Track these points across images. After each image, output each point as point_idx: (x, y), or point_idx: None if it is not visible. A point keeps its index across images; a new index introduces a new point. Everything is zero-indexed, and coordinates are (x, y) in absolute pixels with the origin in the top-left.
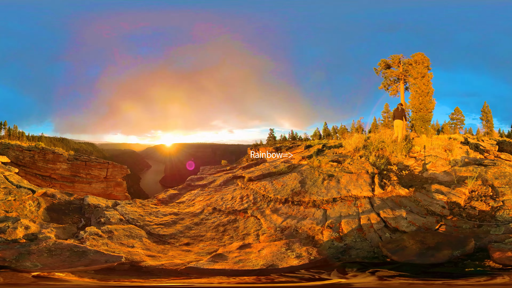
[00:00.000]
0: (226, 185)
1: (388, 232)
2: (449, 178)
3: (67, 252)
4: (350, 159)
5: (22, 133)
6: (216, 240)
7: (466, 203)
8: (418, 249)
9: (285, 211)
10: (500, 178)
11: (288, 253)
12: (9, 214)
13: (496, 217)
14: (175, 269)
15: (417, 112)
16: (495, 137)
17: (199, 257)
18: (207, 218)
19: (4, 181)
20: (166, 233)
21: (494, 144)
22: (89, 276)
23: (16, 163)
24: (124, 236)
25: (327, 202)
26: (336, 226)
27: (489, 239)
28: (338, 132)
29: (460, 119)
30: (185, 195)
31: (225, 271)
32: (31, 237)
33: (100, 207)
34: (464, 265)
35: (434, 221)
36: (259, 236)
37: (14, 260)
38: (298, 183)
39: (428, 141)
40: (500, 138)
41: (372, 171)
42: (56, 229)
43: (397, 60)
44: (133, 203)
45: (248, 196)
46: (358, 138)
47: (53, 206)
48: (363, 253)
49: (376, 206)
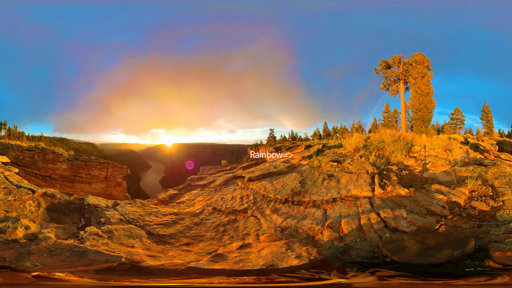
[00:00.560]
0: (226, 185)
1: (388, 232)
2: (449, 178)
3: (67, 252)
4: (350, 159)
5: (22, 133)
6: (216, 240)
7: (466, 203)
8: (418, 249)
9: (285, 211)
10: (500, 178)
11: (288, 253)
12: (9, 214)
13: (496, 217)
14: (175, 269)
15: (417, 112)
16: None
17: (199, 257)
18: (207, 218)
19: (4, 181)
20: (166, 233)
21: (494, 144)
22: (89, 276)
23: (16, 163)
24: (124, 236)
25: (327, 202)
26: (336, 226)
27: (489, 239)
28: (338, 132)
29: (460, 119)
30: (185, 195)
31: (225, 271)
32: (31, 237)
33: (100, 207)
34: (464, 265)
35: (434, 221)
36: (259, 236)
37: (14, 260)
38: (298, 183)
39: (428, 141)
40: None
41: (372, 171)
42: (56, 229)
43: (397, 60)
44: (133, 203)
45: (248, 196)
46: (358, 138)
47: (53, 206)
48: (363, 253)
49: (376, 206)
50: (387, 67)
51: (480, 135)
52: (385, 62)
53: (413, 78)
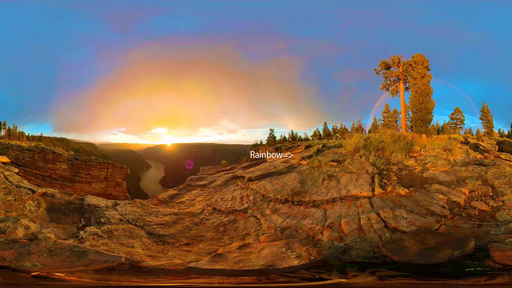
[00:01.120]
0: (226, 185)
1: (388, 232)
2: (449, 178)
3: (67, 252)
4: (350, 159)
5: (22, 133)
6: (216, 240)
7: (466, 203)
8: (418, 249)
9: (285, 211)
10: (500, 178)
11: (288, 253)
12: (9, 214)
13: (496, 217)
14: (175, 269)
15: (417, 112)
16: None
17: (199, 257)
18: (207, 218)
19: (4, 181)
20: (166, 233)
21: (494, 144)
22: (88, 276)
23: (16, 163)
24: (124, 236)
25: (327, 202)
26: (336, 226)
27: (489, 239)
28: (338, 132)
29: (460, 119)
30: (185, 195)
31: (225, 271)
32: (31, 237)
33: (100, 207)
34: (464, 265)
35: (434, 221)
36: (259, 236)
37: (14, 260)
38: (298, 183)
39: (428, 141)
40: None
41: (372, 171)
42: (56, 229)
43: (396, 61)
44: (133, 203)
45: (248, 196)
46: (358, 138)
47: (53, 206)
48: (363, 253)
49: (376, 206)
50: (386, 67)
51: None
52: (385, 62)
53: (413, 79)
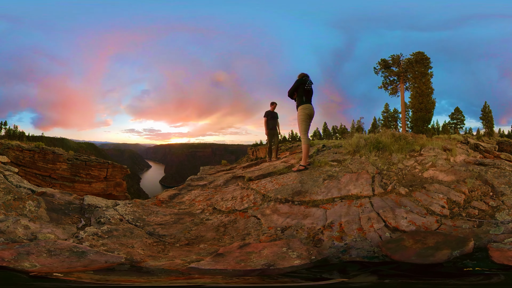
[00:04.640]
0: (226, 185)
1: (388, 231)
2: (449, 178)
3: (67, 252)
4: (350, 159)
5: (22, 133)
6: (217, 240)
7: (466, 203)
8: (418, 248)
9: (285, 211)
10: (500, 178)
11: (289, 252)
12: (8, 213)
13: (496, 217)
14: (176, 269)
15: (417, 112)
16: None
17: (200, 257)
18: (208, 218)
19: (4, 181)
20: (167, 233)
21: (494, 144)
22: (88, 276)
23: (16, 163)
24: (124, 236)
25: (327, 202)
26: (336, 226)
27: (488, 239)
28: (338, 132)
29: (460, 119)
30: (185, 195)
31: (227, 271)
32: (30, 237)
33: (100, 207)
34: (463, 265)
35: (434, 221)
36: (260, 236)
37: (13, 260)
38: (298, 183)
39: (428, 141)
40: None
41: (372, 171)
42: (55, 229)
43: (396, 60)
44: (133, 203)
45: (249, 196)
46: (358, 138)
47: (53, 206)
48: (363, 252)
49: (376, 205)
50: (386, 66)
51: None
52: (384, 61)
53: (413, 78)
